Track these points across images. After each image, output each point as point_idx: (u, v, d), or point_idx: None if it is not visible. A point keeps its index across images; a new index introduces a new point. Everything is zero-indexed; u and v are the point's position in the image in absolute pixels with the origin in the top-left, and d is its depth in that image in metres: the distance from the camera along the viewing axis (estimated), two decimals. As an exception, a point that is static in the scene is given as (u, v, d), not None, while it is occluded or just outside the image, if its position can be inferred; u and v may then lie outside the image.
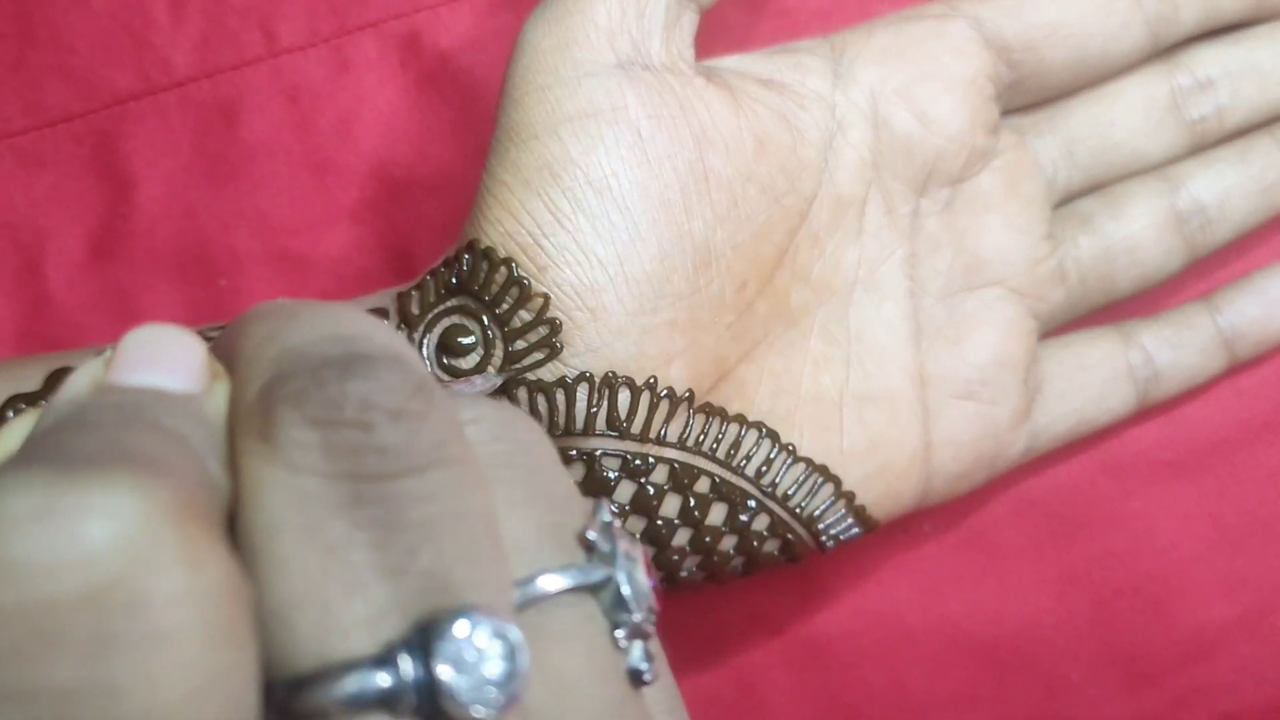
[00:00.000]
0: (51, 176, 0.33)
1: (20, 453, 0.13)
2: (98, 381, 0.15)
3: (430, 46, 0.33)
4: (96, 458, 0.13)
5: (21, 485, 0.12)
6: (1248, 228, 0.31)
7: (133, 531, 0.12)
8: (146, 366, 0.15)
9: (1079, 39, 0.29)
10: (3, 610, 0.12)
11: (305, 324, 0.15)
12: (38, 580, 0.12)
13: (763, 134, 0.27)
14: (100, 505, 0.12)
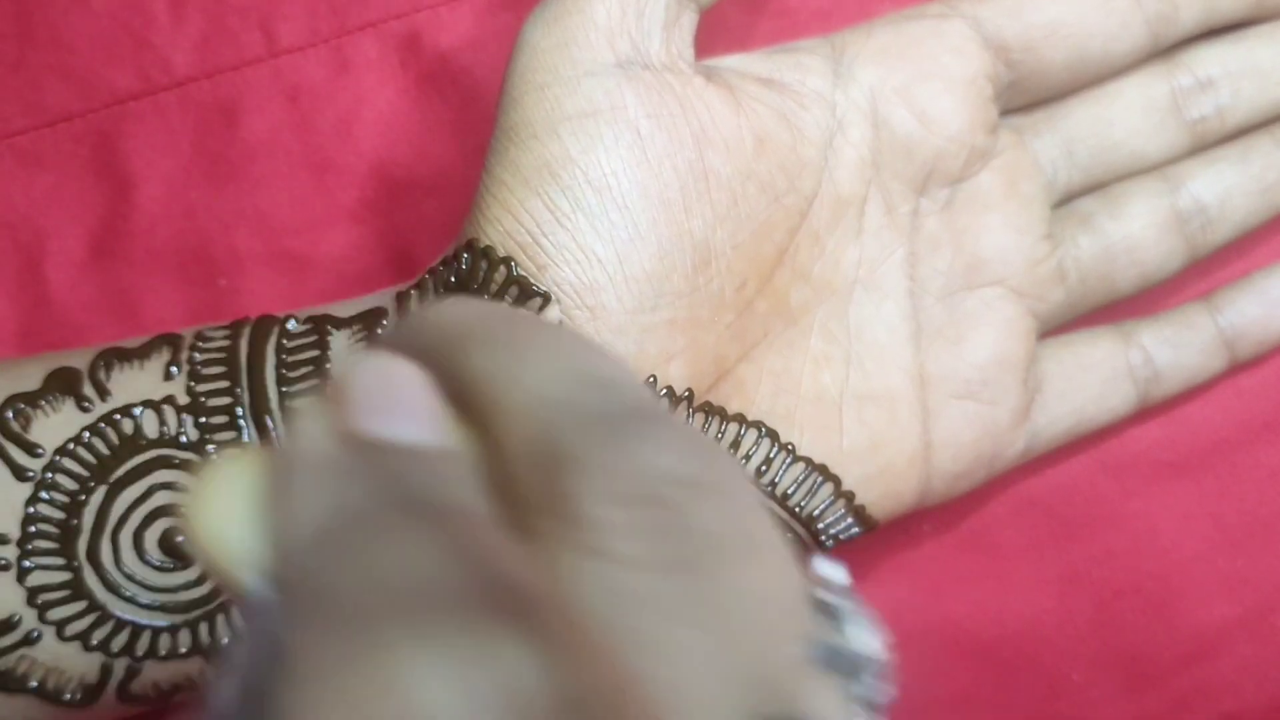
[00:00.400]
0: (51, 176, 0.33)
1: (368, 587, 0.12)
2: (339, 429, 0.14)
3: (430, 46, 0.33)
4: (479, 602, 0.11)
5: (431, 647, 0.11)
6: (1248, 227, 0.31)
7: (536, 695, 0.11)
8: (390, 412, 0.14)
9: (1078, 39, 0.29)
10: None
11: (547, 362, 0.14)
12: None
13: (763, 133, 0.27)
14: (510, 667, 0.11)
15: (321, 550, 0.12)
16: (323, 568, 0.12)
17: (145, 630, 0.26)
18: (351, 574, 0.12)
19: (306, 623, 0.12)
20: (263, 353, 0.26)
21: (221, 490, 0.14)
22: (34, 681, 0.25)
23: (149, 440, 0.26)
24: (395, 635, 0.11)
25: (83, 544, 0.25)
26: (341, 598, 0.12)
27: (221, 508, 0.14)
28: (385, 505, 0.13)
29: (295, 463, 0.13)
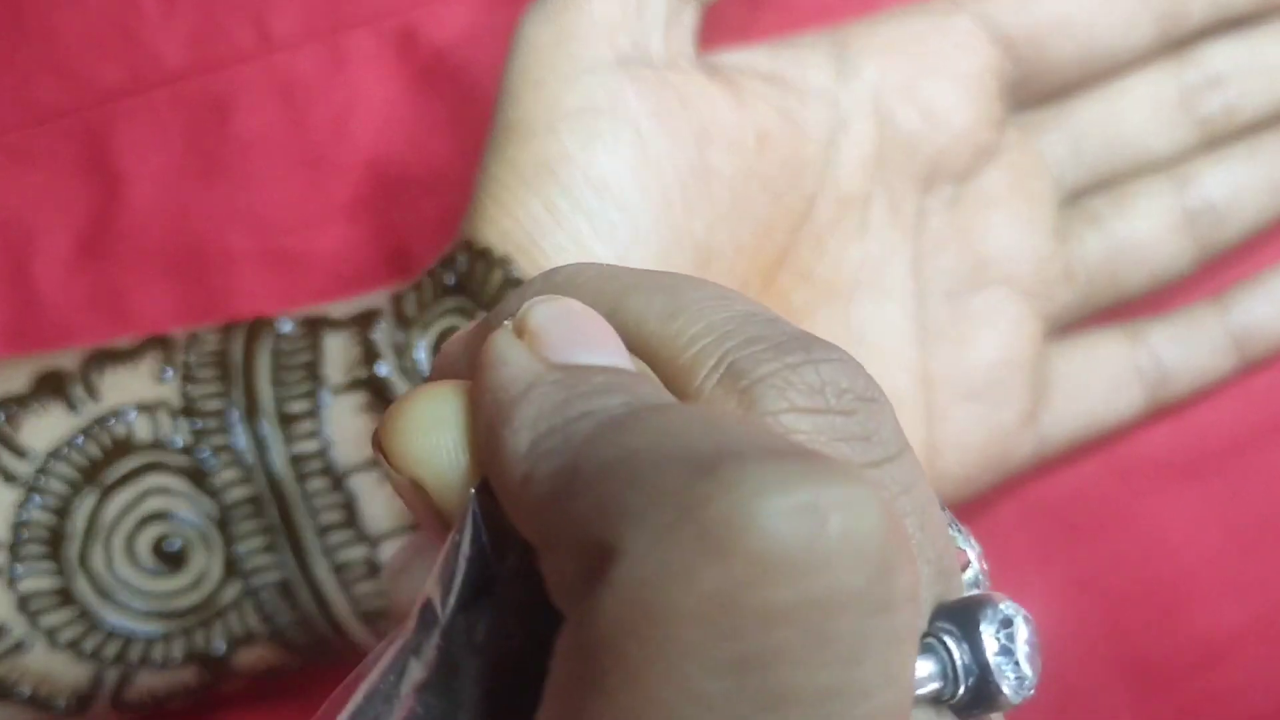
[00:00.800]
0: (41, 174, 0.33)
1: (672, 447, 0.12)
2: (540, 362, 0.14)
3: (426, 42, 0.33)
4: (796, 452, 0.12)
5: (776, 481, 0.11)
6: (1258, 226, 0.31)
7: (883, 530, 0.12)
8: (585, 344, 0.15)
9: (1086, 34, 0.29)
10: (779, 610, 0.11)
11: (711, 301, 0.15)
12: (813, 579, 0.11)
13: (765, 130, 0.27)
14: (855, 504, 0.12)
15: (605, 443, 0.13)
16: (614, 457, 0.12)
17: (138, 638, 0.25)
18: (660, 448, 0.12)
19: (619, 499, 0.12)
20: (256, 355, 0.26)
21: (419, 417, 0.15)
22: (25, 690, 0.25)
23: (141, 444, 0.26)
24: (723, 470, 0.11)
25: (74, 549, 0.25)
26: (654, 470, 0.12)
27: (422, 432, 0.15)
28: (639, 403, 0.13)
29: (517, 387, 0.14)
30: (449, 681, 0.14)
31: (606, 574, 0.11)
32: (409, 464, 0.15)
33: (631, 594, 0.11)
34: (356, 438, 0.26)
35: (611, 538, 0.11)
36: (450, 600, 0.14)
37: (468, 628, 0.14)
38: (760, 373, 0.14)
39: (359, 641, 0.27)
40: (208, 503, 0.26)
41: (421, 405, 0.15)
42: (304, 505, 0.26)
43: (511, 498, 0.13)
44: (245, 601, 0.26)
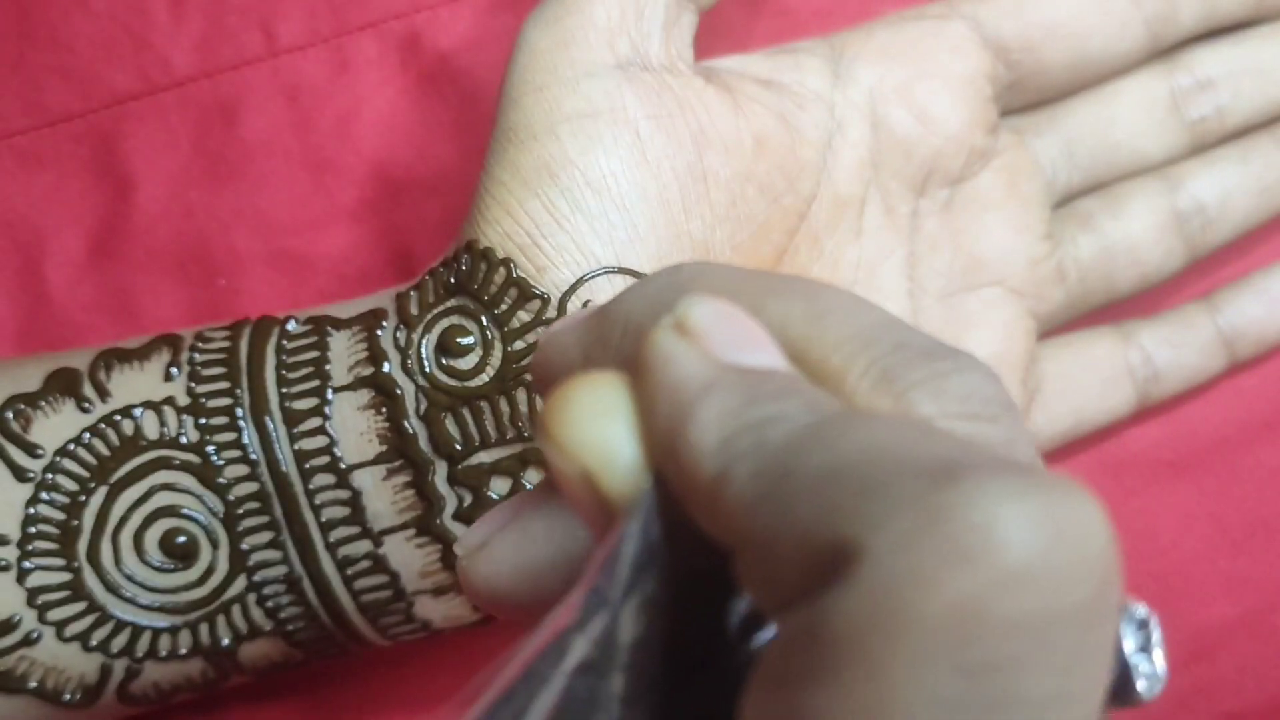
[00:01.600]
0: (51, 176, 0.33)
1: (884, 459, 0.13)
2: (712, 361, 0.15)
3: (430, 47, 0.33)
4: (1020, 464, 0.12)
5: (1016, 493, 0.12)
6: (1248, 227, 0.31)
7: (1108, 545, 0.12)
8: (748, 345, 0.15)
9: (1078, 39, 0.29)
10: (1019, 618, 0.12)
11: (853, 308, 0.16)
12: (1050, 591, 0.12)
13: (762, 134, 0.27)
14: (1087, 519, 0.12)
15: (817, 447, 0.13)
16: (835, 462, 0.13)
17: (145, 631, 0.26)
18: (888, 455, 0.13)
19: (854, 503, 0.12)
20: (262, 353, 0.26)
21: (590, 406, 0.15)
22: (34, 682, 0.25)
23: (149, 441, 0.26)
24: (966, 480, 0.12)
25: (83, 545, 0.25)
26: (890, 477, 0.12)
27: (595, 421, 0.15)
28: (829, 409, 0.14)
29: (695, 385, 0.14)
30: (610, 666, 0.14)
31: (847, 574, 0.12)
32: (581, 452, 0.15)
33: (876, 594, 0.12)
34: (360, 435, 0.26)
35: (849, 540, 0.12)
36: (619, 587, 0.14)
37: (634, 615, 0.14)
38: (913, 378, 0.14)
39: (363, 636, 0.27)
40: (214, 499, 0.26)
41: (592, 394, 0.15)
42: (308, 501, 0.26)
43: (697, 493, 0.14)
44: (250, 596, 0.26)
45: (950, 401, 0.14)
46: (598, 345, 0.17)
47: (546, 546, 0.17)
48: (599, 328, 0.17)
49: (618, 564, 0.14)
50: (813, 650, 0.12)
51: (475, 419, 0.25)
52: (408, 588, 0.26)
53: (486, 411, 0.25)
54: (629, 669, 0.14)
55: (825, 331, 0.15)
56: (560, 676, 0.14)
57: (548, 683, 0.14)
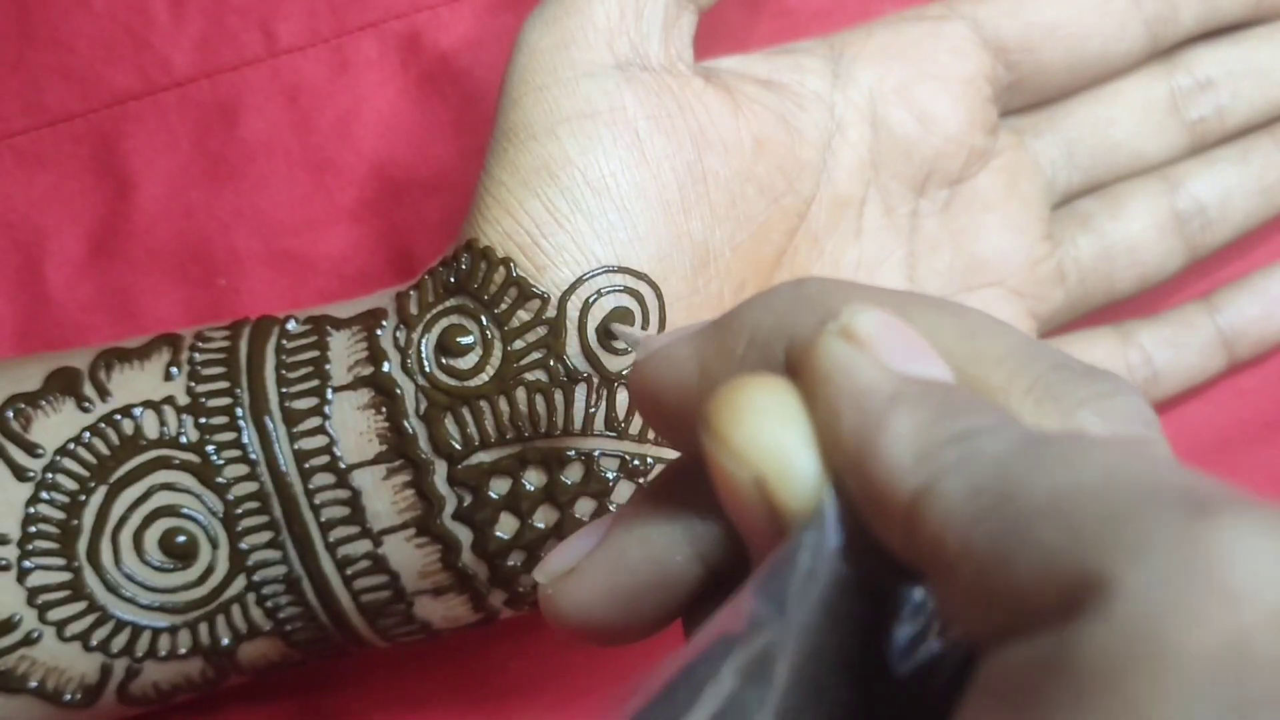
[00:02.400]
0: (51, 176, 0.33)
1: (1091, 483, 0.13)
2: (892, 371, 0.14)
3: (430, 47, 0.33)
4: (1253, 503, 0.12)
5: (1269, 530, 0.12)
6: (1247, 228, 0.31)
7: None
8: (918, 357, 0.15)
9: (1077, 39, 0.29)
10: (1277, 657, 0.12)
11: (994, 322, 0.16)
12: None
13: (761, 134, 0.27)
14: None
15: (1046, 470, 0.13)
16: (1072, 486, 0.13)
17: (145, 631, 0.26)
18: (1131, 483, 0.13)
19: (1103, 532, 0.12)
20: (262, 353, 0.26)
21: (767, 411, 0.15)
22: (34, 682, 0.25)
23: (149, 440, 0.26)
24: (1224, 516, 0.12)
25: (83, 544, 0.25)
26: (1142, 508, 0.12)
27: (771, 427, 0.14)
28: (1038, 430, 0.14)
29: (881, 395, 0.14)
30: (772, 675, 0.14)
31: (1099, 605, 0.12)
32: (756, 457, 0.14)
33: (1137, 628, 0.12)
34: (360, 434, 0.26)
35: (1100, 570, 0.12)
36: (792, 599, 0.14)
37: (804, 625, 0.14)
38: (1079, 397, 0.15)
39: (362, 636, 0.27)
40: (214, 498, 0.26)
41: (767, 397, 0.15)
42: (308, 501, 0.26)
43: (891, 506, 0.14)
44: (250, 596, 0.26)
45: (1118, 421, 0.15)
46: (720, 358, 0.17)
47: (643, 570, 0.17)
48: (719, 340, 0.17)
49: (791, 575, 0.14)
50: (1061, 678, 0.12)
51: (475, 419, 0.25)
52: (407, 588, 0.26)
53: (486, 411, 0.25)
54: (796, 681, 0.14)
55: (981, 348, 0.15)
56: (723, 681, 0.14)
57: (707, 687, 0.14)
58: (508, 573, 0.26)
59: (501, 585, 0.26)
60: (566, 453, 0.26)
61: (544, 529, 0.26)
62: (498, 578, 0.26)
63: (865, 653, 0.15)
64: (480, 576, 0.26)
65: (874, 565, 0.14)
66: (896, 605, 0.15)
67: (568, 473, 0.26)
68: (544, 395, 0.25)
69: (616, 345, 0.26)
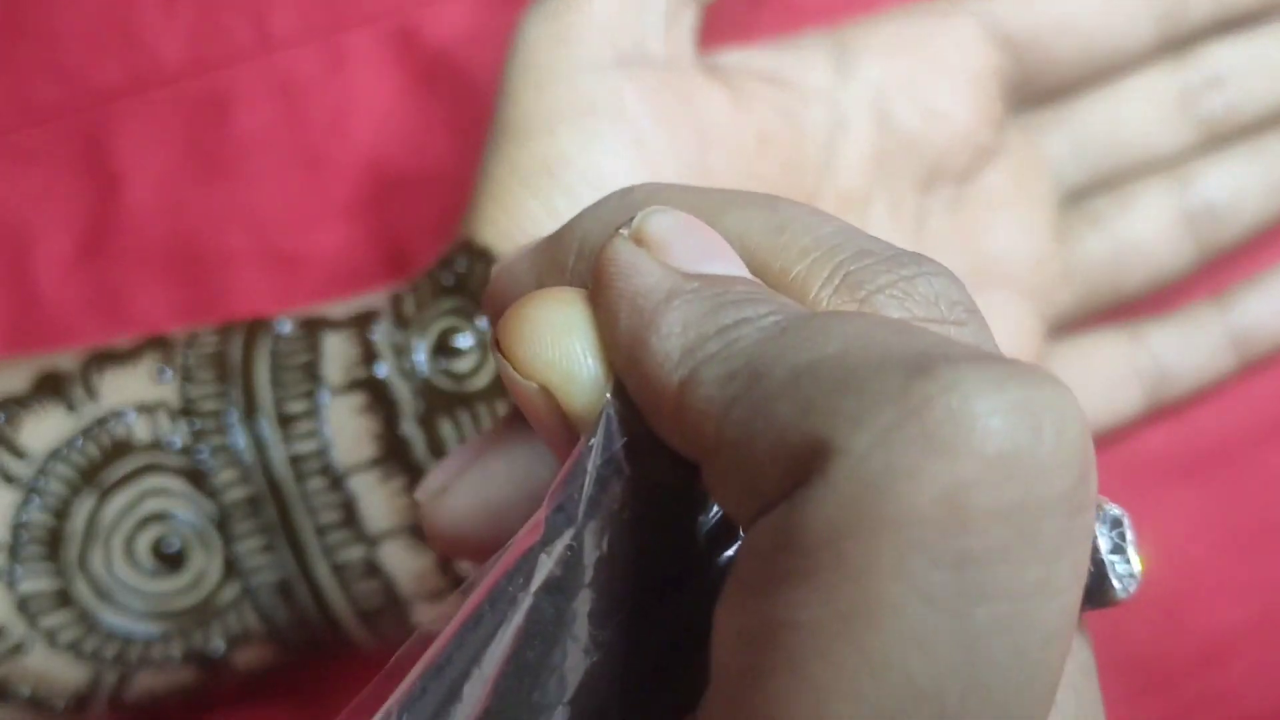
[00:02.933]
0: (40, 174, 0.33)
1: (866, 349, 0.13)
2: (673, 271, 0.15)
3: (426, 42, 0.33)
4: (994, 356, 0.12)
5: (994, 384, 0.12)
6: (1258, 226, 0.31)
7: (1085, 435, 0.12)
8: (709, 254, 0.15)
9: (1086, 35, 0.29)
10: (1000, 509, 0.12)
11: (813, 219, 0.16)
12: (1031, 481, 0.12)
13: (765, 131, 0.27)
14: (1065, 408, 0.12)
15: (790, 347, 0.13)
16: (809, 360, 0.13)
17: (137, 638, 0.26)
18: (860, 351, 0.13)
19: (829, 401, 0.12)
20: (255, 356, 0.26)
21: (547, 321, 0.15)
22: (25, 691, 0.25)
23: (140, 445, 0.26)
24: (941, 372, 0.12)
25: (73, 551, 0.25)
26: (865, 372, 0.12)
27: (552, 337, 0.15)
28: (796, 311, 0.14)
29: (658, 294, 0.14)
30: (576, 583, 0.14)
31: (822, 472, 0.12)
32: (539, 368, 0.15)
33: (855, 492, 0.12)
34: (355, 438, 0.26)
35: (825, 438, 0.12)
36: (584, 503, 0.14)
37: (599, 531, 0.14)
38: (878, 283, 0.14)
39: (357, 640, 0.27)
40: (207, 503, 0.26)
41: (548, 310, 0.15)
42: (303, 505, 0.26)
43: (662, 401, 0.14)
44: (244, 601, 0.26)
45: (917, 305, 0.14)
46: (552, 270, 0.17)
47: (508, 486, 0.18)
48: (552, 252, 0.17)
49: (581, 480, 0.14)
50: (789, 553, 0.12)
51: (473, 422, 0.25)
52: (404, 593, 0.26)
53: (484, 414, 0.25)
54: (596, 586, 0.14)
55: (787, 241, 0.15)
56: (528, 596, 0.14)
57: (516, 604, 0.14)
58: (506, 579, 0.26)
59: (500, 591, 0.26)
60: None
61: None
62: (496, 583, 0.26)
63: (668, 552, 0.15)
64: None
65: (665, 465, 0.15)
66: (698, 503, 0.15)
67: None
68: (543, 397, 0.25)
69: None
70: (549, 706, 0.14)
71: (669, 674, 0.15)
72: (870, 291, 0.14)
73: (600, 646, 0.14)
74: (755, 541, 0.13)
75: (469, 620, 0.14)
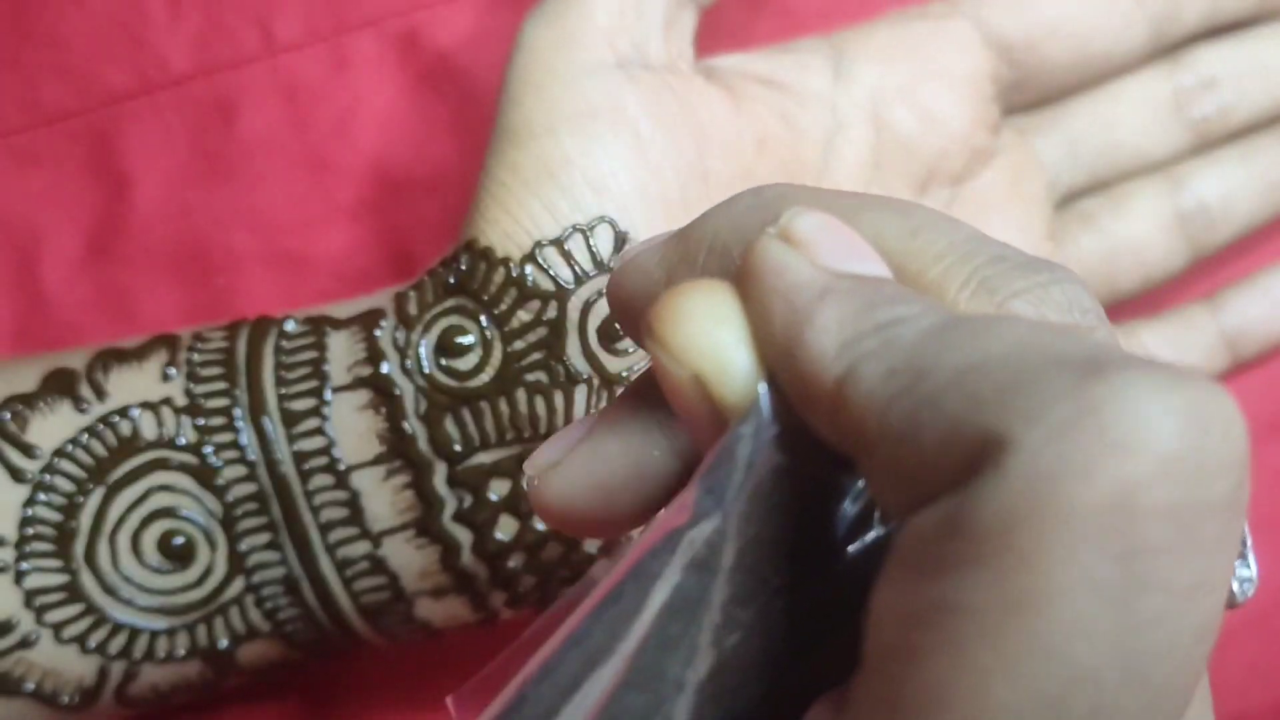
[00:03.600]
0: (47, 175, 0.33)
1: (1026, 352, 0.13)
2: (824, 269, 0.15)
3: (429, 45, 0.33)
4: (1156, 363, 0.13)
5: (1167, 387, 0.12)
6: (1251, 227, 0.31)
7: (1246, 440, 0.13)
8: (855, 255, 0.15)
9: (1080, 38, 0.29)
10: (1168, 507, 0.12)
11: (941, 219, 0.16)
12: (1198, 482, 0.12)
13: (763, 133, 0.27)
14: (1229, 413, 0.13)
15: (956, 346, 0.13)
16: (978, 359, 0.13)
17: (143, 633, 0.26)
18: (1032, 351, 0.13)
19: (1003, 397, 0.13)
20: (260, 354, 0.26)
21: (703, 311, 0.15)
22: (31, 684, 0.25)
23: (147, 442, 0.26)
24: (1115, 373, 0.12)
25: (80, 546, 0.25)
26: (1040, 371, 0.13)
27: (708, 326, 0.15)
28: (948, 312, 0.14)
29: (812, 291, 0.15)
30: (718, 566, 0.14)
31: (997, 465, 0.12)
32: (693, 357, 0.15)
33: (1029, 485, 0.12)
34: (359, 435, 0.26)
35: (999, 432, 0.12)
36: (733, 490, 0.14)
37: (744, 517, 0.15)
38: (1014, 288, 0.15)
39: (362, 637, 0.27)
40: (212, 500, 0.26)
41: (703, 301, 0.15)
42: (307, 502, 0.26)
43: (818, 396, 0.14)
44: (249, 597, 0.26)
45: (1052, 310, 0.15)
46: (683, 265, 0.17)
47: (621, 464, 0.18)
48: (683, 248, 0.17)
49: (731, 467, 0.15)
50: (962, 539, 0.12)
51: (475, 419, 0.25)
52: (407, 589, 0.26)
53: (486, 412, 0.25)
54: (740, 568, 0.15)
55: (921, 245, 0.16)
56: (671, 574, 0.14)
57: (658, 580, 0.14)
58: (508, 574, 0.26)
59: (502, 586, 0.26)
60: (567, 453, 0.26)
61: (544, 530, 0.26)
62: (498, 579, 0.26)
63: (809, 539, 0.15)
64: (480, 577, 0.26)
65: (812, 455, 0.15)
66: (839, 493, 0.16)
67: None
68: (544, 396, 0.25)
69: (617, 347, 0.25)
70: (686, 683, 0.14)
71: (804, 656, 0.16)
72: (1007, 296, 0.15)
73: (741, 626, 0.15)
74: (921, 527, 0.13)
75: (610, 595, 0.14)
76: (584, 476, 0.18)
